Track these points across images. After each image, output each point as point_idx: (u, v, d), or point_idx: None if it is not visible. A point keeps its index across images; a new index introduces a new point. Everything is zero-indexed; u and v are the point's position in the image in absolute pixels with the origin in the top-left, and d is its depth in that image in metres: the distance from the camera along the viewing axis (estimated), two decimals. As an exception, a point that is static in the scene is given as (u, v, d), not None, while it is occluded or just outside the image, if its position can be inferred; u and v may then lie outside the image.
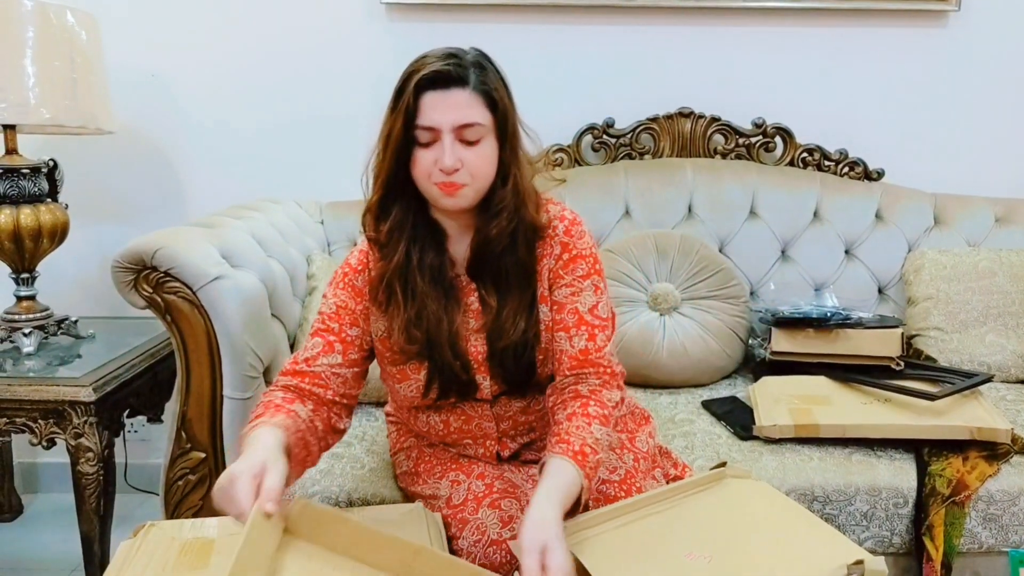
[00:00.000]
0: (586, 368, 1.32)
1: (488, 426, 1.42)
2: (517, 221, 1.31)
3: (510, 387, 1.38)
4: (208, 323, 1.60)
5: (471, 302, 1.36)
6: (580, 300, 1.34)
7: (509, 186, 1.30)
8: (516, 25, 2.37)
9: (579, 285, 1.35)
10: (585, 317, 1.33)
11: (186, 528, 1.32)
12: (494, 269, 1.33)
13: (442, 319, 1.32)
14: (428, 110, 1.23)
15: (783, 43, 2.40)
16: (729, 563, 1.13)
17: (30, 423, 1.79)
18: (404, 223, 1.32)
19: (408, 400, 1.41)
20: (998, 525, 1.58)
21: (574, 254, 1.35)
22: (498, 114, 1.27)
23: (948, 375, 1.85)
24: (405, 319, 1.31)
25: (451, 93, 1.23)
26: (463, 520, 1.31)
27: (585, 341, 1.32)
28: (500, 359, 1.34)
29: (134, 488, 2.40)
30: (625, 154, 2.38)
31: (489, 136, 1.27)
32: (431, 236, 1.35)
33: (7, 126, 2.00)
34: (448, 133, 1.23)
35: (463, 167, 1.24)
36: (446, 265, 1.35)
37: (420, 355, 1.33)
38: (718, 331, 2.05)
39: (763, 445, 1.70)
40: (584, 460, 1.20)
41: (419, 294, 1.31)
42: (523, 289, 1.34)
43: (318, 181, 2.39)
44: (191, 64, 2.38)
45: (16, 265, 2.05)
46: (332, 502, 1.56)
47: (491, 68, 1.29)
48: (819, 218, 2.30)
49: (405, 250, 1.32)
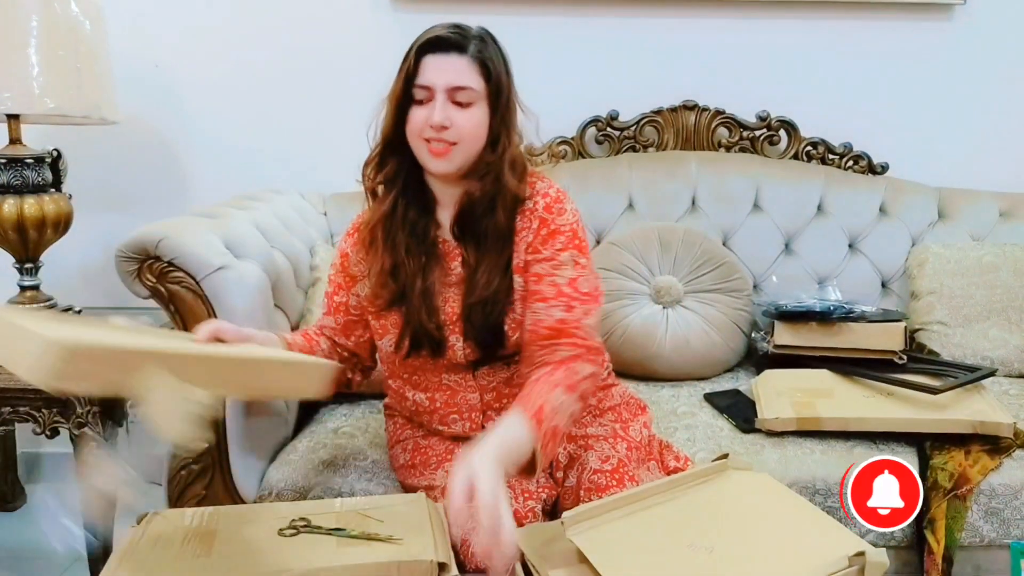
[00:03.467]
0: (561, 339, 1.32)
1: (472, 397, 1.44)
2: (499, 187, 1.36)
3: (481, 350, 1.40)
4: (211, 313, 1.60)
5: (454, 266, 1.42)
6: (559, 273, 1.36)
7: (497, 152, 1.36)
8: (520, 16, 2.37)
9: (558, 259, 1.37)
10: (564, 289, 1.35)
11: (189, 517, 1.32)
12: (475, 231, 1.39)
13: (417, 274, 1.39)
14: (426, 70, 1.33)
15: (788, 36, 2.39)
16: (731, 554, 1.14)
17: (34, 413, 1.80)
18: (397, 177, 1.41)
19: (388, 357, 1.47)
20: (1000, 519, 1.58)
21: (552, 229, 1.38)
22: (491, 83, 1.34)
23: (951, 369, 1.85)
24: (380, 267, 1.40)
25: (449, 57, 1.33)
26: None
27: (562, 312, 1.33)
28: (470, 315, 1.38)
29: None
30: (629, 147, 2.38)
31: (481, 102, 1.34)
32: (420, 197, 1.42)
33: (11, 116, 2.00)
34: (441, 92, 1.32)
35: (452, 127, 1.32)
36: (430, 226, 1.42)
37: (395, 304, 1.40)
38: (721, 324, 2.05)
39: (765, 438, 1.70)
40: (539, 422, 1.20)
41: (398, 245, 1.39)
42: (499, 252, 1.38)
43: (322, 172, 2.39)
44: (195, 55, 2.39)
45: (20, 255, 2.05)
46: (334, 493, 1.57)
47: (491, 42, 1.38)
48: (823, 212, 2.30)
49: (393, 202, 1.41)
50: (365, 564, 1.18)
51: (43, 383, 0.95)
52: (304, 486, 1.59)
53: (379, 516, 1.30)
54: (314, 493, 1.58)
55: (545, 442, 1.21)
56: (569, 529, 1.15)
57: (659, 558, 1.13)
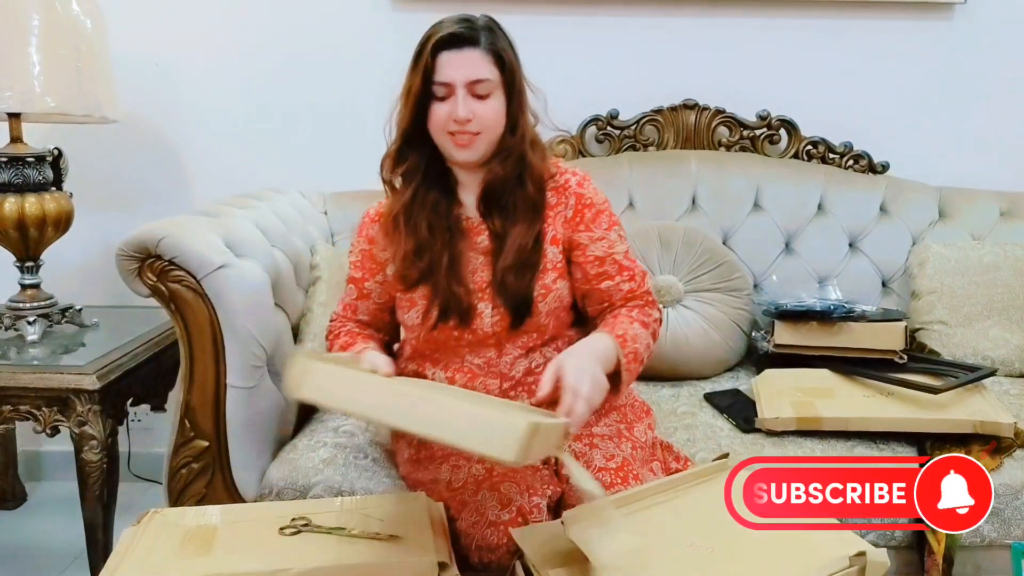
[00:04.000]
0: (633, 300, 1.48)
1: (492, 383, 1.47)
2: (524, 164, 1.44)
3: (512, 316, 1.44)
4: (212, 312, 1.61)
5: (480, 240, 1.48)
6: (615, 250, 1.48)
7: (517, 135, 1.44)
8: (520, 16, 2.35)
9: (609, 236, 1.48)
10: (623, 263, 1.48)
11: (189, 516, 1.32)
12: (502, 204, 1.46)
13: (444, 249, 1.44)
14: (444, 67, 1.38)
15: (788, 35, 2.39)
16: (731, 554, 1.14)
17: (34, 411, 1.80)
18: (417, 170, 1.46)
19: (413, 331, 1.49)
20: (1001, 519, 1.58)
21: (596, 210, 1.49)
22: (506, 72, 1.41)
23: (951, 369, 1.85)
24: (405, 250, 1.45)
25: (464, 52, 1.38)
26: (462, 502, 1.34)
27: (630, 283, 1.48)
28: (502, 279, 1.43)
29: (137, 476, 2.41)
30: (629, 146, 2.38)
31: (498, 91, 1.41)
32: (441, 181, 1.48)
33: (12, 114, 2.00)
34: (461, 87, 1.38)
35: (475, 118, 1.38)
36: (452, 206, 1.48)
37: (423, 280, 1.45)
38: (721, 324, 2.05)
39: (765, 438, 1.70)
40: (624, 341, 1.36)
41: (420, 228, 1.45)
42: (530, 223, 1.45)
43: (322, 171, 2.39)
44: (196, 53, 2.39)
45: (21, 253, 2.05)
46: (335, 492, 1.57)
47: (499, 31, 1.44)
48: (823, 211, 2.29)
49: (413, 191, 1.46)
50: (366, 563, 1.18)
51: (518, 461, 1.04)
52: (304, 485, 1.59)
53: (380, 515, 1.30)
54: (314, 492, 1.58)
55: (628, 361, 1.35)
56: (569, 529, 1.15)
57: (659, 557, 1.13)
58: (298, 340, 1.85)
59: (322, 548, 1.22)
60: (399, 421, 1.16)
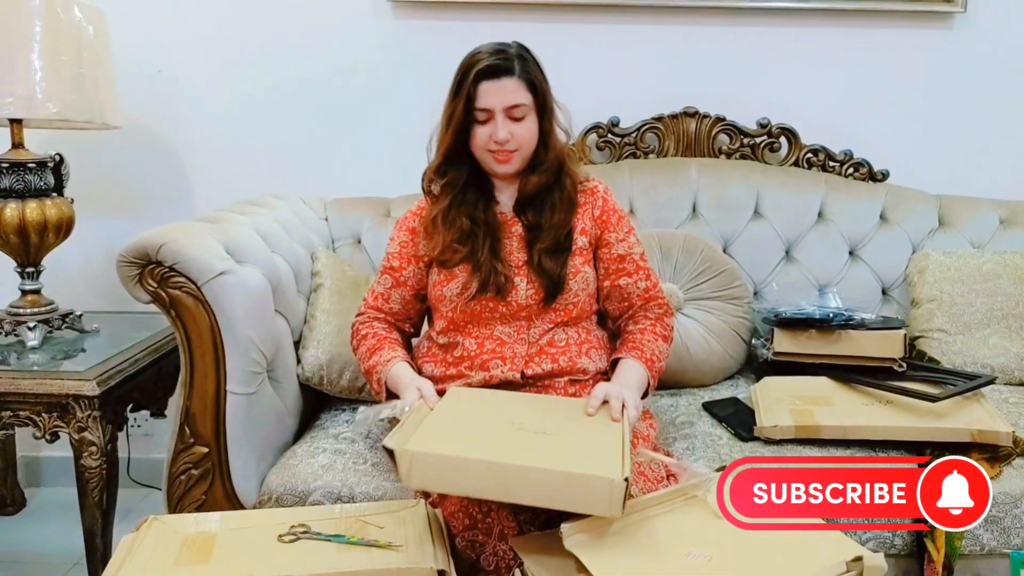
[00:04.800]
0: (650, 302, 1.67)
1: (520, 349, 1.60)
2: (561, 174, 1.64)
3: (545, 290, 1.59)
4: (212, 318, 1.61)
5: (515, 230, 1.65)
6: (634, 251, 1.68)
7: (549, 150, 1.63)
8: (520, 24, 2.37)
9: (629, 239, 1.68)
10: (640, 264, 1.68)
11: (188, 522, 1.32)
12: (536, 205, 1.64)
13: (486, 237, 1.61)
14: (484, 95, 1.56)
15: (789, 43, 2.40)
16: (728, 562, 1.14)
17: (34, 417, 1.80)
18: (456, 183, 1.64)
19: (449, 303, 1.62)
20: (1000, 527, 1.58)
21: (619, 216, 1.69)
22: (538, 96, 1.60)
23: (950, 377, 1.84)
24: (447, 241, 1.61)
25: (502, 81, 1.56)
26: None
27: (646, 281, 1.67)
28: (539, 259, 1.60)
29: (137, 483, 2.41)
30: (630, 153, 2.38)
31: (531, 113, 1.59)
32: (481, 186, 1.66)
33: (14, 120, 2.01)
34: (500, 113, 1.56)
35: (512, 138, 1.57)
36: (491, 204, 1.66)
37: (464, 261, 1.60)
38: (721, 332, 2.05)
39: (764, 446, 1.70)
40: (652, 366, 1.59)
41: (462, 224, 1.61)
42: (565, 216, 1.64)
43: (323, 178, 2.40)
44: (197, 60, 2.39)
45: (21, 259, 2.05)
46: (334, 497, 1.57)
47: (530, 58, 1.61)
48: (823, 219, 2.30)
49: (451, 198, 1.63)
50: (364, 571, 1.18)
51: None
52: (304, 491, 1.59)
53: (379, 523, 1.30)
54: (314, 498, 1.58)
55: (654, 378, 1.60)
56: (568, 539, 1.15)
57: (658, 566, 1.13)
58: (301, 347, 1.85)
59: (321, 556, 1.22)
60: (504, 497, 1.24)
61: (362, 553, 1.22)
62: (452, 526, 1.33)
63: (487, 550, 1.30)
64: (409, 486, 1.32)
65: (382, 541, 1.24)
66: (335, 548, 1.23)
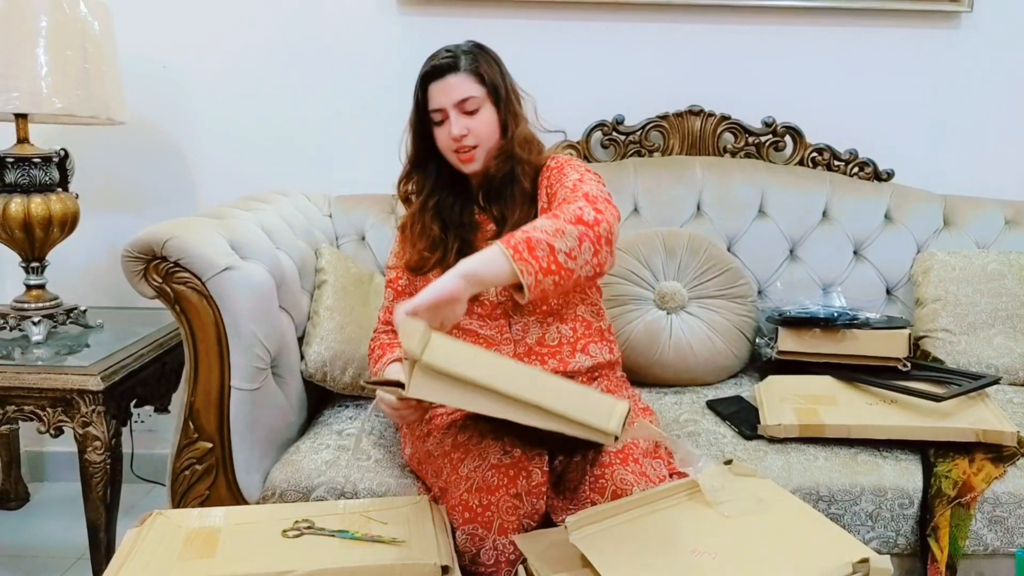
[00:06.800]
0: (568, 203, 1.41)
1: (506, 349, 1.57)
2: (515, 162, 1.59)
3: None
4: (217, 314, 1.61)
5: (489, 229, 1.63)
6: (567, 180, 1.51)
7: (509, 137, 1.60)
8: (527, 21, 2.37)
9: (573, 177, 1.52)
10: (569, 185, 1.49)
11: (192, 517, 1.33)
12: (499, 197, 1.61)
13: (456, 240, 1.60)
14: (434, 96, 1.57)
15: (794, 42, 2.39)
16: (734, 560, 1.14)
17: (38, 411, 1.80)
18: (423, 187, 1.66)
19: None
20: (1004, 527, 1.58)
21: (560, 168, 1.58)
22: (488, 85, 1.57)
23: (955, 377, 1.84)
24: (419, 248, 1.62)
25: (447, 79, 1.56)
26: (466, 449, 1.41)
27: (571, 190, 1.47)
28: None
29: (140, 478, 2.41)
30: (634, 151, 2.38)
31: (486, 104, 1.58)
32: (452, 188, 1.66)
33: (19, 115, 2.01)
34: (452, 109, 1.56)
35: (469, 133, 1.56)
36: (465, 206, 1.65)
37: (437, 266, 1.58)
38: (725, 331, 2.05)
39: (768, 444, 1.70)
40: (508, 238, 1.29)
41: (433, 230, 1.62)
42: (528, 209, 1.59)
43: (327, 174, 2.40)
44: (203, 56, 2.39)
45: (26, 254, 2.06)
46: (337, 493, 1.57)
47: (479, 52, 1.60)
48: (828, 218, 2.30)
49: (422, 203, 1.65)
50: (368, 566, 1.19)
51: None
52: (308, 486, 1.59)
53: (383, 518, 1.30)
54: (317, 493, 1.58)
55: (518, 249, 1.26)
56: (572, 534, 1.15)
57: (663, 563, 1.13)
58: (304, 343, 1.86)
59: (325, 551, 1.22)
60: (516, 391, 1.17)
61: (366, 548, 1.23)
62: (453, 520, 1.33)
63: (487, 544, 1.31)
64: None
65: (386, 536, 1.25)
66: (339, 543, 1.24)
